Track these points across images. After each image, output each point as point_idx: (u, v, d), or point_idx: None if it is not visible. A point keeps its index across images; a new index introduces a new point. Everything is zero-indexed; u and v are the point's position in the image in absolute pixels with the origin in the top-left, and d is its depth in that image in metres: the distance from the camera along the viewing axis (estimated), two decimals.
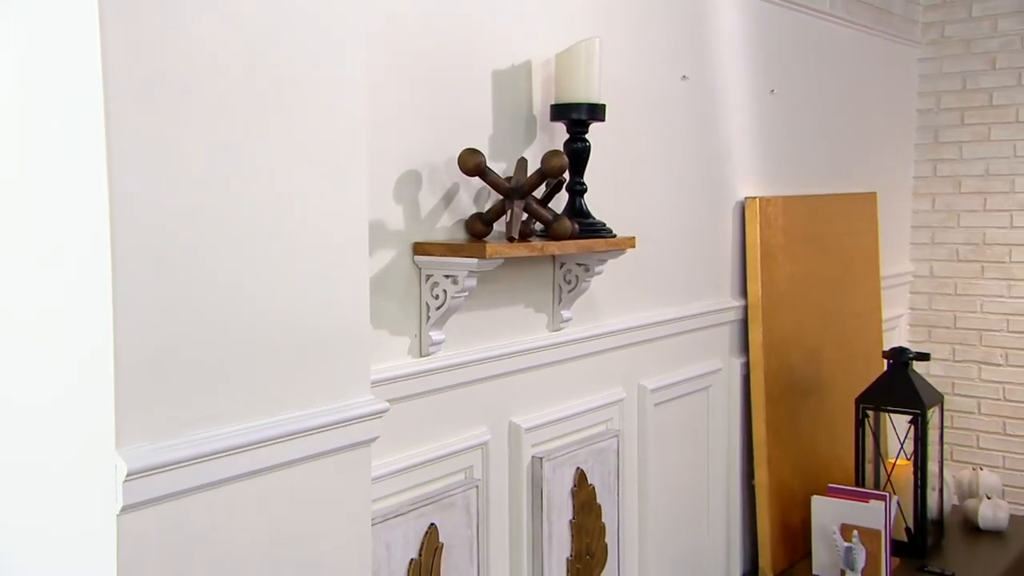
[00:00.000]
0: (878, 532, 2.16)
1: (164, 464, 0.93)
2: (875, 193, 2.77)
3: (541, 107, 1.60)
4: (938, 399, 2.39)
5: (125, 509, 0.91)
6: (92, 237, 0.91)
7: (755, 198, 2.22)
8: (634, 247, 1.64)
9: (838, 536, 2.18)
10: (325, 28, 1.07)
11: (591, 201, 1.63)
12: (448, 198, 1.46)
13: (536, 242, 1.45)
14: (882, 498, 2.20)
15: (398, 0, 1.36)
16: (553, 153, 1.38)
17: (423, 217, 1.42)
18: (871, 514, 2.17)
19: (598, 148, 1.66)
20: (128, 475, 0.90)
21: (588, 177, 1.62)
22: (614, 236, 1.60)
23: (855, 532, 2.16)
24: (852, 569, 2.16)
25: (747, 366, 2.26)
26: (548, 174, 1.38)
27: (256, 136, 1.00)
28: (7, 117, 0.99)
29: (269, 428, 1.03)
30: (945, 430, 2.81)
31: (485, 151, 1.45)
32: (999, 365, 2.94)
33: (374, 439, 1.15)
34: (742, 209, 2.23)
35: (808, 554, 2.28)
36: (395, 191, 1.38)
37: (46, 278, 0.97)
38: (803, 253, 2.40)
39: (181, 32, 0.93)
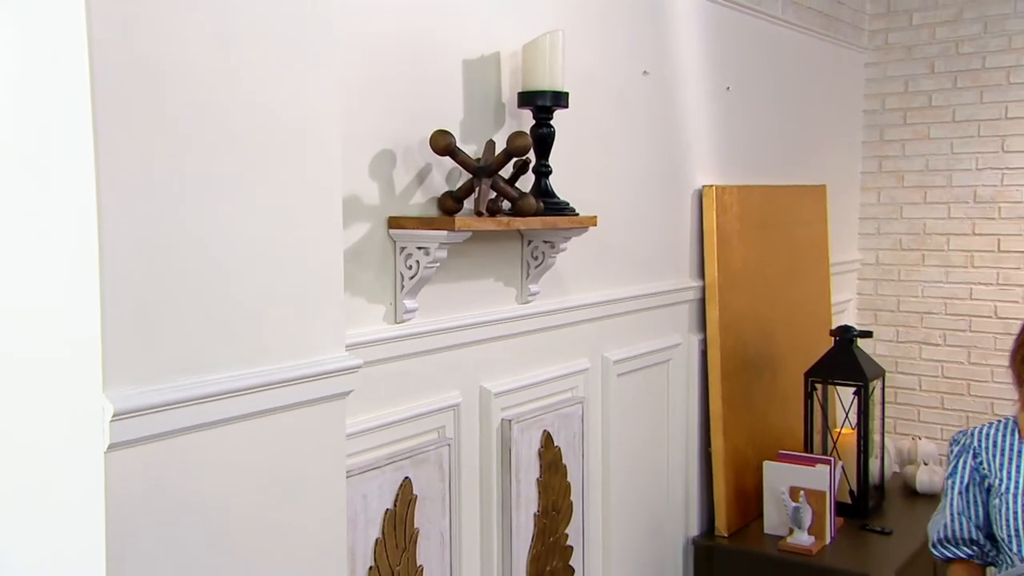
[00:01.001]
0: (823, 494, 2.20)
1: (148, 407, 0.94)
2: (825, 186, 2.81)
3: (509, 95, 1.62)
4: (880, 373, 2.43)
5: (112, 447, 0.92)
6: (79, 191, 0.91)
7: (712, 186, 2.25)
8: (595, 225, 1.66)
9: (787, 497, 2.21)
10: (298, 21, 1.08)
11: (557, 185, 1.65)
12: (421, 177, 1.48)
13: (503, 218, 1.47)
14: (828, 463, 2.24)
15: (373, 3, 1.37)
16: (518, 134, 1.40)
17: (397, 194, 1.44)
18: (818, 477, 2.21)
19: (565, 136, 1.68)
20: (114, 415, 0.91)
21: (555, 163, 1.64)
22: (577, 215, 1.62)
23: (802, 493, 2.20)
24: (799, 527, 2.20)
25: (704, 342, 2.29)
26: (513, 153, 1.40)
27: (236, 116, 1.02)
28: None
29: (248, 378, 1.04)
30: (889, 405, 2.87)
31: (457, 135, 1.46)
32: (938, 345, 2.99)
33: (348, 392, 1.17)
34: (700, 196, 2.26)
35: (760, 514, 2.32)
36: (371, 170, 1.39)
37: (37, 231, 0.97)
38: (757, 239, 2.44)
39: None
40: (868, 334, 2.45)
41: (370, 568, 1.39)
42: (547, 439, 1.77)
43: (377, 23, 1.39)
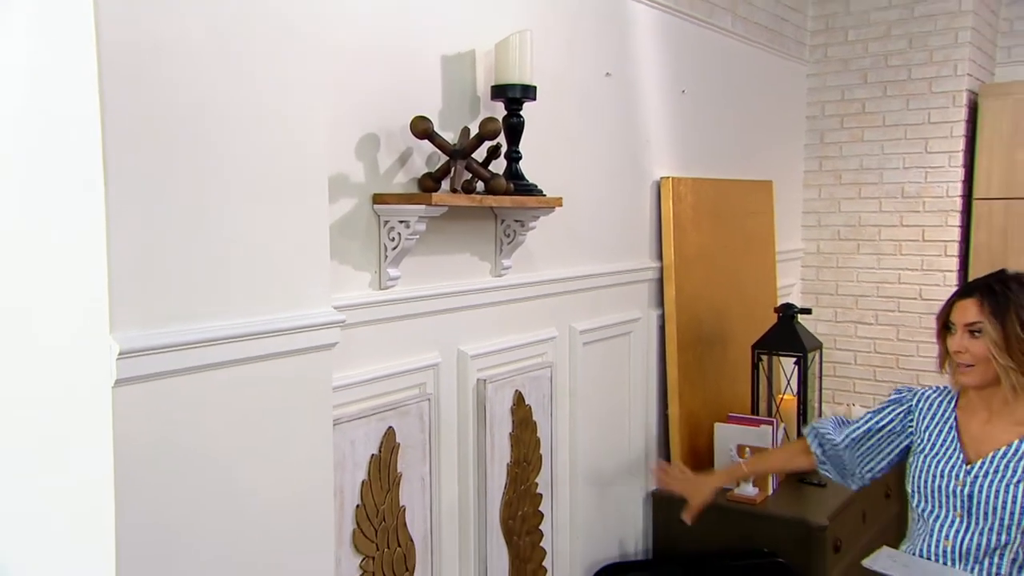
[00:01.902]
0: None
1: (151, 348, 0.95)
2: (771, 181, 2.83)
3: (484, 88, 1.62)
4: (817, 345, 2.45)
5: (119, 382, 0.92)
6: (86, 141, 0.91)
7: (668, 178, 2.26)
8: (561, 206, 1.67)
9: (735, 454, 2.23)
10: (292, 30, 1.09)
11: (529, 175, 1.65)
12: (403, 160, 1.48)
13: (476, 195, 1.48)
14: (771, 423, 2.26)
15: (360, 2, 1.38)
16: (489, 119, 1.41)
17: (381, 174, 1.44)
18: (761, 437, 2.23)
19: (536, 130, 1.68)
20: (120, 354, 0.92)
21: (527, 154, 1.64)
22: (544, 195, 1.63)
23: (748, 451, 2.22)
24: (745, 480, 2.22)
25: (662, 317, 2.30)
26: (485, 136, 1.40)
27: (229, 93, 1.02)
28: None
29: (243, 327, 1.05)
30: (827, 377, 2.90)
31: (436, 123, 1.47)
32: (871, 324, 3.02)
33: (334, 344, 1.17)
34: (658, 187, 2.27)
35: (712, 465, 2.34)
36: (357, 152, 1.39)
37: (49, 186, 0.97)
38: (709, 227, 2.45)
39: None
40: (807, 311, 2.47)
41: (357, 506, 1.40)
42: (519, 398, 1.77)
43: (364, 22, 1.39)
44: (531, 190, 1.60)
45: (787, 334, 2.38)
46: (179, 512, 0.99)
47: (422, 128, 1.38)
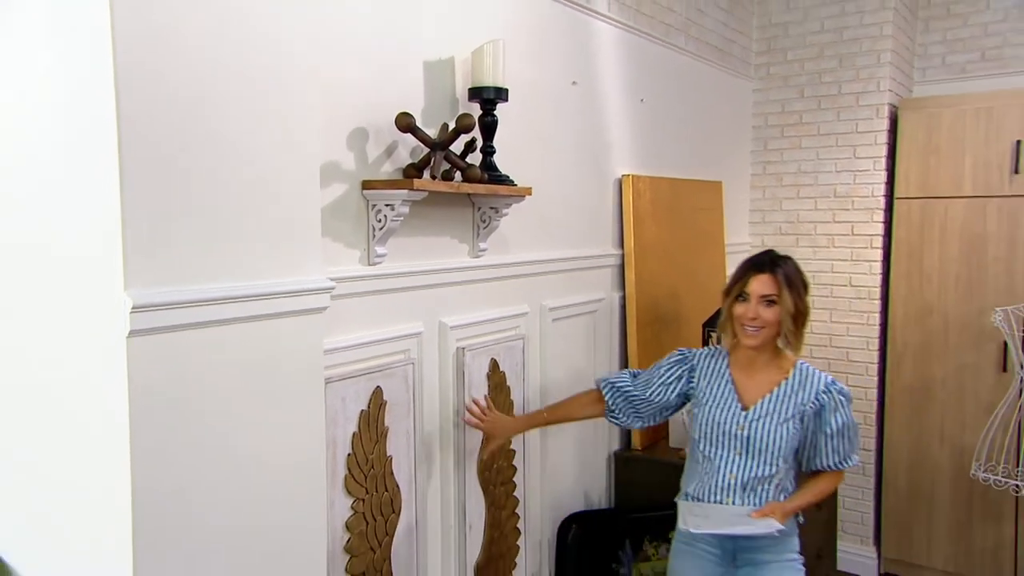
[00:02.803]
0: None
1: (160, 304, 0.96)
2: (721, 182, 2.87)
3: (462, 91, 1.64)
4: None
5: (132, 333, 0.93)
6: (100, 105, 0.92)
7: (629, 176, 2.29)
8: (531, 195, 1.69)
9: (686, 418, 2.26)
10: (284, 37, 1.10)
11: (505, 170, 1.66)
12: (389, 151, 1.50)
13: (453, 183, 1.50)
14: None
15: (351, 12, 1.39)
16: (464, 115, 1.43)
17: (370, 164, 1.46)
18: None
19: (511, 131, 1.70)
20: (133, 308, 0.93)
21: (502, 153, 1.66)
22: (515, 185, 1.66)
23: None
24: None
25: (624, 299, 2.32)
26: (460, 130, 1.42)
27: (234, 83, 1.03)
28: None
29: (244, 289, 1.06)
30: None
31: (419, 121, 1.49)
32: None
33: (325, 308, 1.19)
34: (619, 184, 2.30)
35: (666, 434, 2.37)
36: (348, 144, 1.41)
37: (67, 158, 0.97)
38: (666, 220, 2.48)
39: None
40: None
41: (348, 454, 1.41)
42: (494, 365, 1.79)
43: (357, 31, 1.40)
44: (503, 180, 1.62)
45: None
46: (187, 452, 1.00)
47: (405, 123, 1.39)
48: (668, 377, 1.65)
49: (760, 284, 1.52)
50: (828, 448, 1.55)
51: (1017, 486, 2.49)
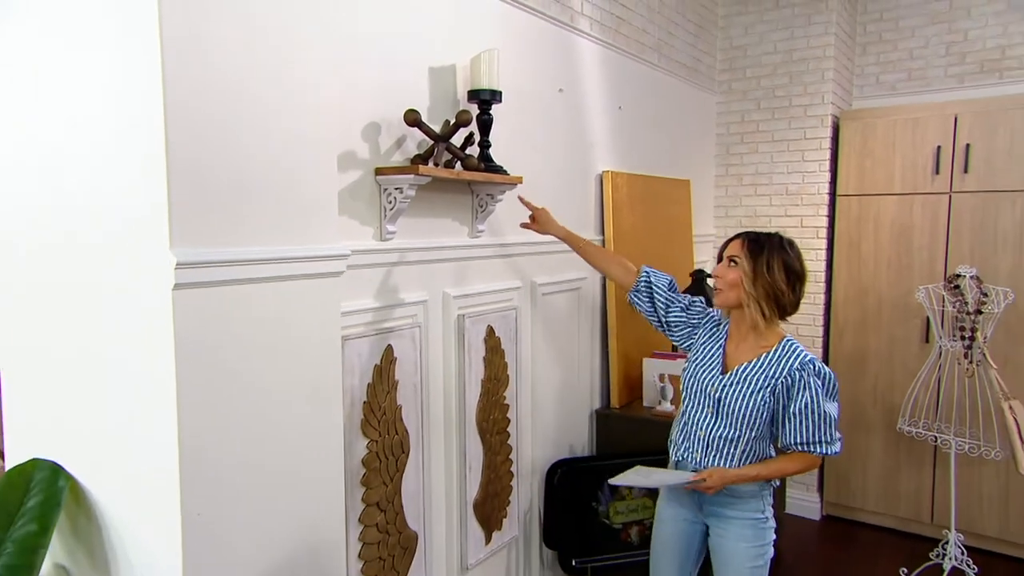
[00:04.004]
0: (679, 377, 2.25)
1: (200, 262, 0.96)
2: (689, 180, 2.85)
3: (462, 93, 1.64)
4: None
5: (177, 287, 0.94)
6: (149, 92, 0.92)
7: (609, 172, 2.28)
8: (522, 183, 1.68)
9: (657, 380, 2.27)
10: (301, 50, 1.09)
11: (502, 164, 1.66)
12: (399, 143, 1.49)
13: (454, 171, 1.49)
14: (684, 357, 2.29)
15: (368, 24, 1.38)
16: (462, 111, 1.42)
17: (382, 153, 1.45)
18: (678, 367, 2.27)
19: (505, 132, 1.69)
20: (178, 265, 0.93)
21: (500, 151, 1.66)
22: (508, 174, 1.65)
23: (667, 377, 2.26)
24: (665, 399, 2.25)
25: (604, 279, 2.32)
26: (459, 124, 1.42)
27: (257, 80, 1.03)
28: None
29: (271, 253, 1.06)
30: None
31: (424, 117, 1.48)
32: None
33: (341, 272, 1.19)
34: (600, 178, 2.29)
35: (641, 395, 2.37)
36: (363, 136, 1.41)
37: (119, 137, 0.97)
38: (641, 211, 2.47)
39: None
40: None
41: (364, 402, 1.41)
42: (490, 331, 1.79)
43: (372, 40, 1.40)
44: (498, 169, 1.62)
45: (699, 290, 2.42)
46: (223, 391, 1.00)
47: (412, 118, 1.39)
48: (687, 316, 1.57)
49: (730, 248, 1.46)
50: (789, 426, 1.39)
51: (935, 437, 2.49)
